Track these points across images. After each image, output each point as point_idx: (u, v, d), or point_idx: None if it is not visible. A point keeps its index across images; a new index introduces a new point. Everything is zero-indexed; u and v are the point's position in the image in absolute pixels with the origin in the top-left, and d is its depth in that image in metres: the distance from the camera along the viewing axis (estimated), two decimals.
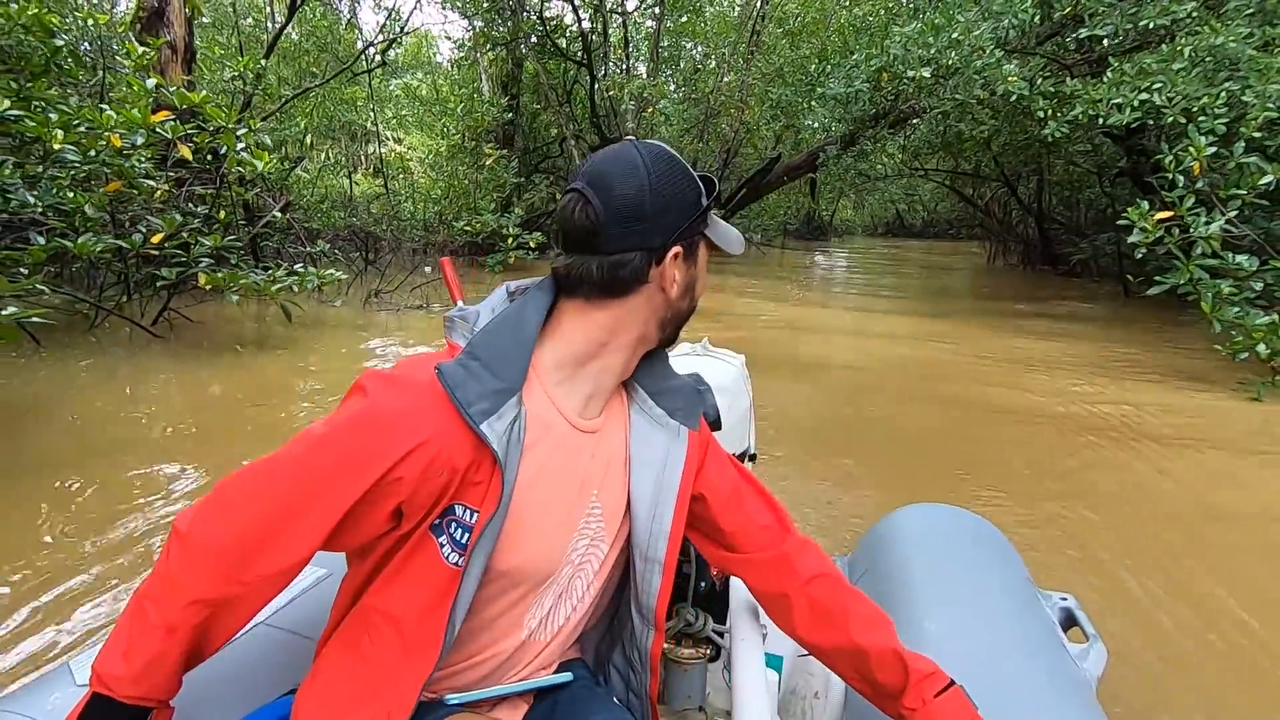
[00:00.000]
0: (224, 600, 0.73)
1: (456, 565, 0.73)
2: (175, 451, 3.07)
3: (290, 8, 8.44)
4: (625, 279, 0.77)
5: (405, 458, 0.69)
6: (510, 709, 0.87)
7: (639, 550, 0.86)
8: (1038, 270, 14.00)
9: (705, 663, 1.20)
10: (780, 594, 0.89)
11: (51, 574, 2.08)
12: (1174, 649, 1.94)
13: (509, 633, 0.83)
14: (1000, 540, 1.34)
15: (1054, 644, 1.05)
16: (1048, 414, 4.16)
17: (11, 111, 4.15)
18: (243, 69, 7.68)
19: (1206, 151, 4.74)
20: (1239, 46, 5.20)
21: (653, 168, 0.76)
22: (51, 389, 3.80)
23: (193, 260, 4.25)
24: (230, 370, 4.42)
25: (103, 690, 0.71)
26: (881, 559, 1.29)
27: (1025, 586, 1.19)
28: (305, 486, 0.71)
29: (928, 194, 25.69)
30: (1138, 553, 2.49)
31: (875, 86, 7.63)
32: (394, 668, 0.76)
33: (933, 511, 1.41)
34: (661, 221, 0.77)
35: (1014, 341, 6.43)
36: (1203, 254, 4.73)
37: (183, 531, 0.73)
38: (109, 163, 4.52)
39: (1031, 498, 2.93)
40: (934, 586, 1.15)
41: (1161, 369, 5.31)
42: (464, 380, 0.71)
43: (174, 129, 4.42)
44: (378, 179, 14.78)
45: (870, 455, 3.47)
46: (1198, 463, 3.45)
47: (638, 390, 0.88)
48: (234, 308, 5.77)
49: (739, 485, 0.92)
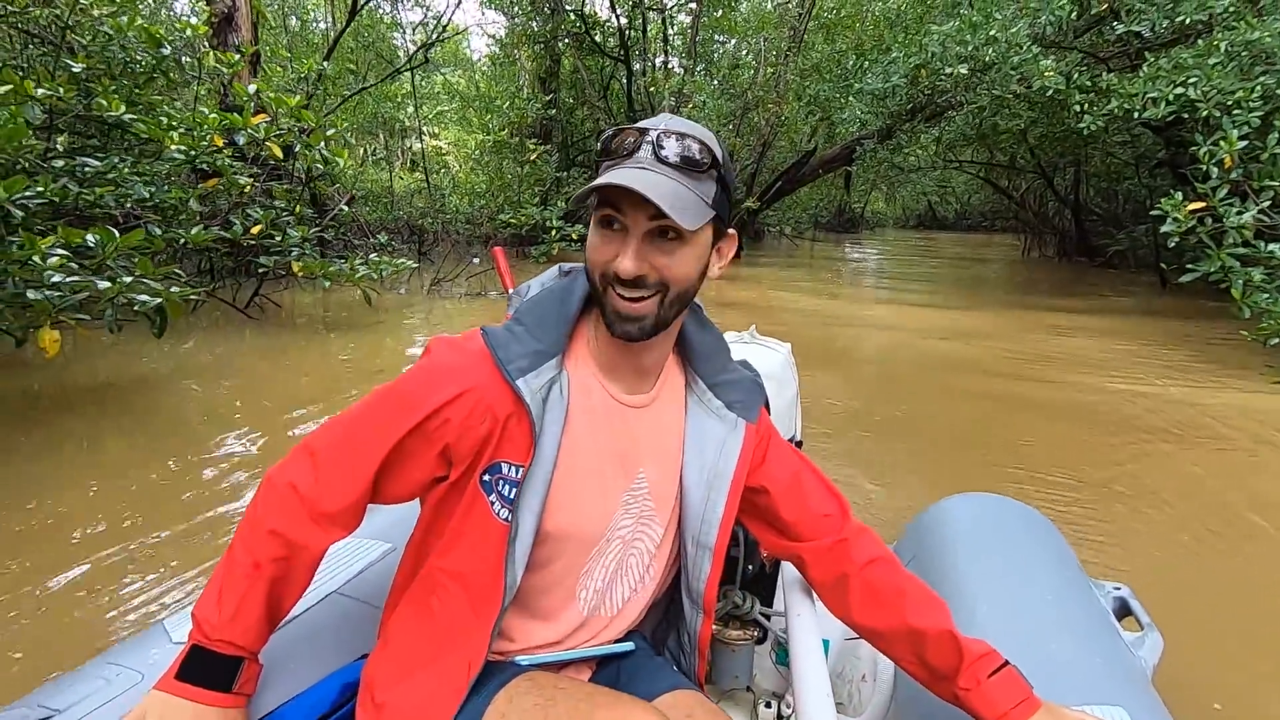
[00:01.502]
0: (298, 536, 0.79)
1: (505, 520, 0.79)
2: (281, 414, 3.49)
3: (350, 11, 8.89)
4: None
5: (451, 401, 0.77)
6: (575, 673, 0.91)
7: (690, 535, 0.89)
8: (1074, 262, 14.01)
9: (753, 644, 1.24)
10: (837, 579, 0.90)
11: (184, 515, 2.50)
12: (1229, 638, 1.94)
13: (566, 602, 0.87)
14: (1050, 529, 1.32)
15: (1109, 631, 1.03)
16: (1086, 406, 4.19)
17: (126, 115, 4.63)
18: (307, 70, 8.17)
19: (1239, 145, 4.90)
20: (1275, 41, 5.33)
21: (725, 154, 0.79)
22: (175, 363, 4.28)
23: (286, 249, 4.70)
24: (323, 346, 4.88)
25: (200, 638, 0.77)
26: (930, 546, 1.28)
27: (1078, 575, 1.18)
28: (366, 423, 0.80)
29: (961, 186, 25.53)
30: (1188, 542, 2.52)
31: (912, 82, 7.84)
32: (463, 623, 0.82)
33: (981, 500, 1.39)
34: (730, 203, 0.81)
35: (1050, 333, 6.53)
36: (1234, 243, 4.90)
37: (269, 475, 0.82)
38: (206, 161, 4.99)
39: (1077, 488, 2.94)
40: (984, 573, 1.13)
41: (1198, 358, 5.44)
42: (506, 341, 0.79)
43: (268, 130, 4.87)
44: (414, 173, 15.28)
45: (908, 446, 3.50)
46: (1243, 452, 3.47)
47: (697, 381, 0.91)
48: (306, 294, 6.24)
49: (800, 475, 0.93)
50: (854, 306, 8.62)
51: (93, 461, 2.88)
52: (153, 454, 2.91)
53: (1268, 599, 2.17)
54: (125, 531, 2.28)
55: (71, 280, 2.73)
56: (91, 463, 2.86)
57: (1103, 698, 0.85)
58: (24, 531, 2.26)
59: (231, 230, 4.43)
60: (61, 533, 2.27)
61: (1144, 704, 0.86)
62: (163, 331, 3.17)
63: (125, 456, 2.97)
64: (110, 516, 2.38)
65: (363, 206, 10.74)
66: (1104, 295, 9.36)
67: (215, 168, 4.97)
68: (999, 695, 0.79)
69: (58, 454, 2.87)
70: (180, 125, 4.86)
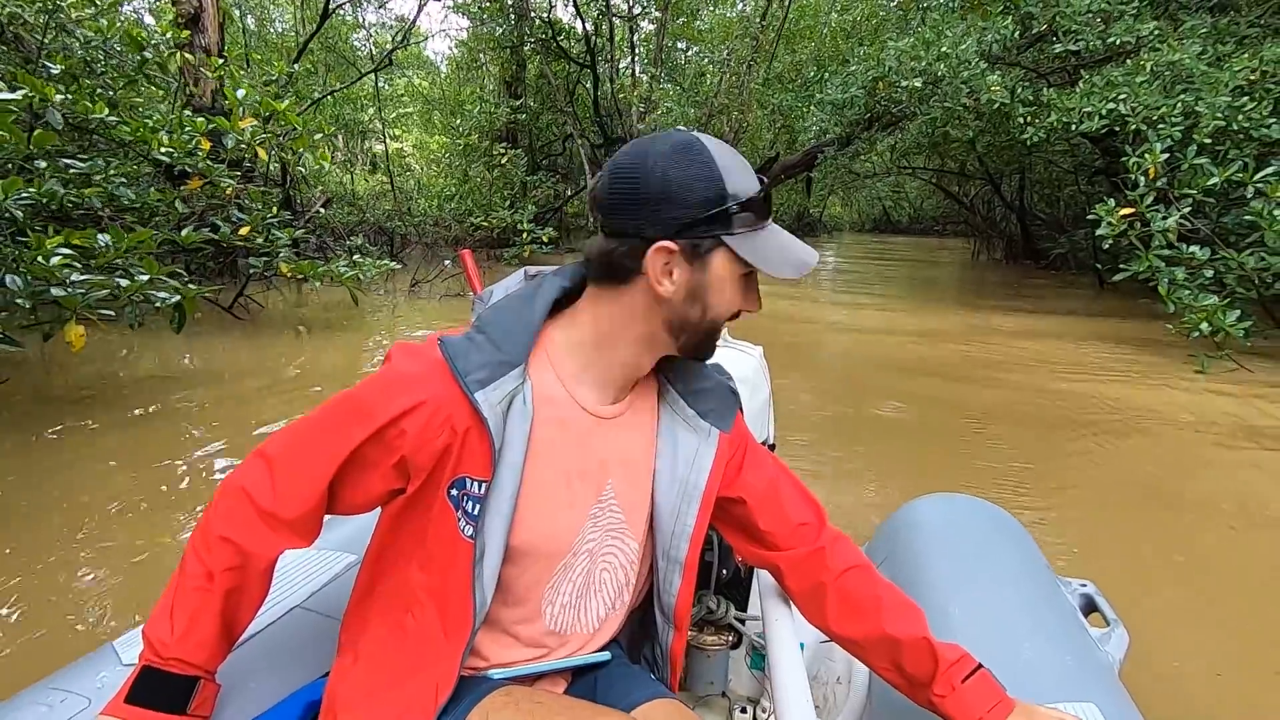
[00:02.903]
0: (250, 543, 0.76)
1: (470, 538, 0.75)
2: (260, 406, 3.64)
3: (322, 14, 8.94)
4: (616, 264, 0.76)
5: (407, 412, 0.73)
6: (550, 684, 0.89)
7: (661, 549, 0.88)
8: (1020, 264, 14.71)
9: (728, 650, 1.23)
10: (813, 588, 0.90)
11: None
12: (1191, 629, 1.98)
13: (532, 618, 0.85)
14: (1017, 528, 1.34)
15: (1076, 628, 1.05)
16: (1031, 404, 4.35)
17: (110, 117, 4.68)
18: (279, 74, 8.19)
19: (1161, 157, 5.42)
20: (1193, 63, 5.89)
21: (665, 155, 0.73)
22: (165, 363, 4.36)
23: (275, 251, 4.81)
24: (308, 345, 4.99)
25: (152, 658, 0.74)
26: (900, 547, 1.28)
27: (1045, 573, 1.19)
28: (322, 429, 0.77)
29: (914, 192, 26.47)
30: (1143, 535, 2.62)
31: (870, 93, 8.30)
32: (434, 643, 0.79)
33: (950, 501, 1.40)
34: (659, 212, 0.73)
35: (997, 333, 6.89)
36: (1160, 245, 5.40)
37: (224, 481, 0.79)
38: (188, 163, 5.04)
39: (1031, 486, 3.03)
40: (954, 574, 1.15)
41: (1131, 353, 5.85)
42: (465, 351, 0.75)
43: (254, 132, 4.96)
44: (374, 175, 15.25)
45: (868, 447, 3.56)
46: (1176, 442, 3.69)
47: (669, 389, 0.88)
48: (285, 295, 6.30)
49: (777, 483, 0.92)
50: (813, 308, 8.85)
51: (112, 455, 3.00)
52: (149, 453, 3.04)
53: (1220, 587, 2.26)
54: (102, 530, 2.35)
55: (93, 278, 2.84)
56: (110, 456, 2.98)
57: (1073, 694, 0.87)
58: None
59: (220, 232, 4.52)
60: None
61: (1112, 698, 0.88)
62: (181, 327, 3.29)
63: (139, 451, 3.09)
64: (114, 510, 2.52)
65: (333, 209, 10.77)
66: (1046, 297, 9.82)
67: (198, 170, 5.04)
68: (973, 700, 0.80)
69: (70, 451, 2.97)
70: (163, 128, 4.92)
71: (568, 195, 14.50)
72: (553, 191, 13.95)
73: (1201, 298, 5.20)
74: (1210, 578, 2.32)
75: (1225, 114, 5.51)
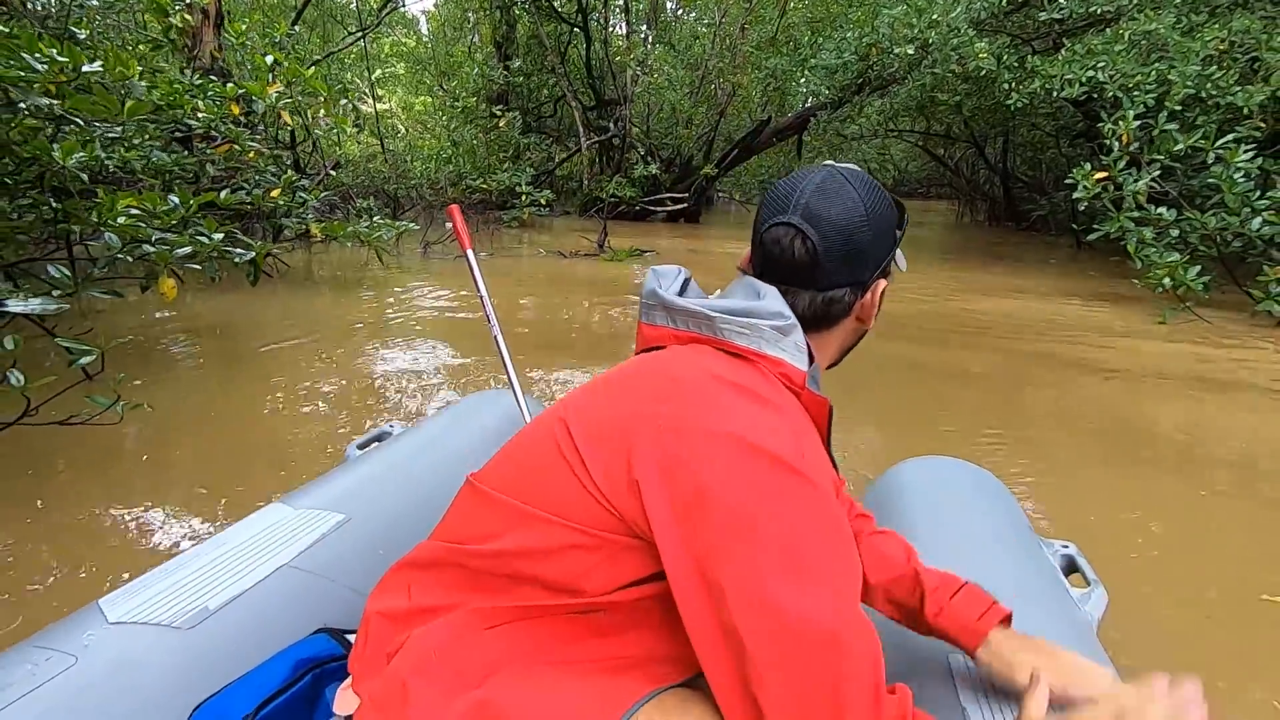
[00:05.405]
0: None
1: None
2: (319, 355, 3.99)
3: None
4: (835, 314, 0.77)
5: None
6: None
7: None
8: (1002, 226, 15.15)
9: None
10: None
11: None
12: (1169, 586, 1.97)
13: None
14: (1002, 491, 1.37)
15: (1056, 588, 1.08)
16: (1011, 363, 4.41)
17: (141, 83, 4.87)
18: (281, 35, 8.28)
19: (1134, 124, 5.80)
20: (1168, 32, 6.23)
21: (868, 200, 0.76)
22: (224, 313, 4.67)
23: (304, 213, 5.09)
24: (339, 301, 5.31)
25: None
26: (886, 510, 1.31)
27: (1027, 535, 1.23)
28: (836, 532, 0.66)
29: (899, 154, 26.62)
30: (1100, 469, 2.72)
31: (863, 59, 8.56)
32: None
33: (937, 464, 1.44)
34: (874, 254, 0.76)
35: (974, 291, 7.21)
36: (1130, 207, 5.82)
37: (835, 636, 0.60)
38: (216, 128, 5.26)
39: (1004, 442, 3.05)
40: (938, 536, 1.18)
41: (1105, 309, 6.20)
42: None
43: (279, 98, 5.18)
44: (360, 135, 15.24)
45: (853, 413, 3.46)
46: (1144, 384, 3.87)
47: None
48: (302, 254, 6.56)
49: None
50: None
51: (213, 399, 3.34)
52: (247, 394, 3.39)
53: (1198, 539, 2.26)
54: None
55: (178, 237, 3.14)
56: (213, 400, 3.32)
57: None
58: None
59: (253, 194, 4.77)
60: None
61: (1089, 656, 0.89)
62: (256, 280, 3.62)
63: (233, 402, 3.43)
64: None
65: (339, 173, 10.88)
66: (1025, 258, 10.12)
67: (225, 136, 5.25)
68: (964, 609, 0.83)
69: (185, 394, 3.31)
70: (189, 92, 5.11)
71: (560, 159, 14.64)
72: (546, 154, 14.08)
73: (1166, 255, 5.64)
74: (1160, 505, 2.42)
75: (1195, 82, 5.88)
